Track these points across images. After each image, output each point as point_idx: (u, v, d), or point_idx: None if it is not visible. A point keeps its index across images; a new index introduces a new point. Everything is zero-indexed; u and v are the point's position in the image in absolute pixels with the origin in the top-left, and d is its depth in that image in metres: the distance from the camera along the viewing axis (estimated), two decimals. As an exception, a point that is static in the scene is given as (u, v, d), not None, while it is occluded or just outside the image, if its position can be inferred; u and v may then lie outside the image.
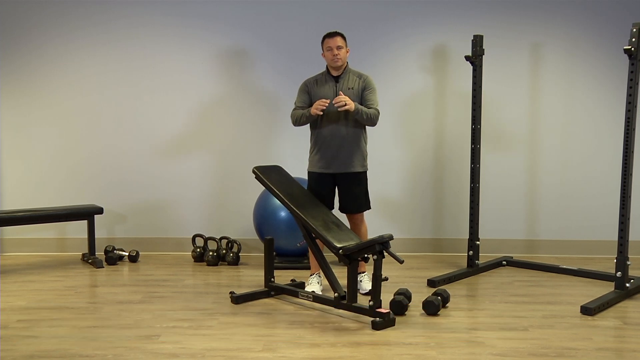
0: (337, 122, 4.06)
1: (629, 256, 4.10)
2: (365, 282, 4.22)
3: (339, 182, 4.16)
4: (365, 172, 4.19)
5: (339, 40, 4.05)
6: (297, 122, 4.19)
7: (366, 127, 4.16)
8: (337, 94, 4.05)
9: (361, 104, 4.08)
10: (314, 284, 4.17)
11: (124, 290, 4.31)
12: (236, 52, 5.41)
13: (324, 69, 4.20)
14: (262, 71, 5.41)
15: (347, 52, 4.13)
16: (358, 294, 3.83)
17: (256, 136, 5.47)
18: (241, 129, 5.47)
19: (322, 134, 4.10)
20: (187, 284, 4.50)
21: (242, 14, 5.36)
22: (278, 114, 5.41)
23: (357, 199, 4.16)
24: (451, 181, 5.46)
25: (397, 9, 5.34)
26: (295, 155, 5.26)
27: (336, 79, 4.12)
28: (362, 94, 4.10)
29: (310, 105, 4.14)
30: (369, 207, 4.24)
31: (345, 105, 3.91)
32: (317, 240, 3.91)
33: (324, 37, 4.11)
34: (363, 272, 4.27)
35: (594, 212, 5.39)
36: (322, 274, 4.18)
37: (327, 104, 3.97)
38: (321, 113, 4.01)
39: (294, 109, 4.21)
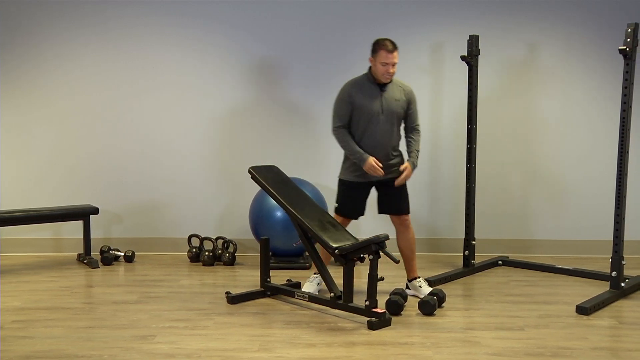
0: (385, 133, 3.94)
1: (624, 256, 4.11)
2: (425, 287, 4.10)
3: (385, 186, 4.05)
4: None
5: (396, 56, 3.86)
6: (343, 148, 3.97)
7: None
8: (383, 105, 3.90)
9: (405, 118, 4.04)
10: (313, 284, 4.14)
11: (120, 291, 4.30)
12: (234, 52, 5.40)
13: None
14: (260, 70, 5.41)
15: None
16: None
17: (252, 136, 5.46)
18: (237, 129, 5.46)
19: (368, 144, 3.93)
20: (183, 284, 4.49)
21: (240, 13, 5.35)
22: (275, 114, 5.41)
23: (406, 198, 4.12)
24: (447, 181, 5.46)
25: (394, 9, 5.34)
26: (292, 156, 5.26)
27: (381, 87, 3.95)
28: (408, 109, 4.02)
29: (350, 115, 3.94)
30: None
31: (406, 178, 3.98)
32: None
33: (381, 48, 3.83)
34: (418, 278, 4.15)
35: (590, 212, 5.40)
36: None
37: (381, 172, 3.88)
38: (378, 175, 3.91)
39: (339, 127, 3.94)
